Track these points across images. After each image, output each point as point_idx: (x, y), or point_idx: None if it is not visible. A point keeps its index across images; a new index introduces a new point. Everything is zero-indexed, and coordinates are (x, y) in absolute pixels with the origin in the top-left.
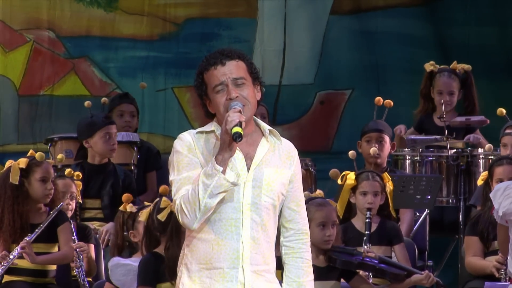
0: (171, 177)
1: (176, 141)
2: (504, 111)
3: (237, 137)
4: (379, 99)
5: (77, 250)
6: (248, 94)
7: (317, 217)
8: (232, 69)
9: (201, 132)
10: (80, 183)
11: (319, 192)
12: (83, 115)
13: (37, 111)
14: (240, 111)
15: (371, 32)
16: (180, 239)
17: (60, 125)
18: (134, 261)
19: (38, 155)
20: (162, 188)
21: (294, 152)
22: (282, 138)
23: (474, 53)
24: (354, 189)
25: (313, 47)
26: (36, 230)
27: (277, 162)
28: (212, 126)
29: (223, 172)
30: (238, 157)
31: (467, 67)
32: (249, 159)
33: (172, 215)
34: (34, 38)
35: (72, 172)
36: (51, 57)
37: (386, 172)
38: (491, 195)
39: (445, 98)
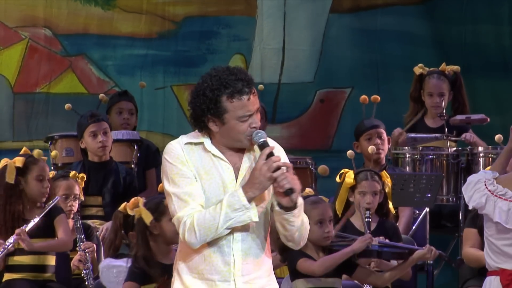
0: (166, 188)
1: (166, 152)
2: (502, 137)
3: (291, 193)
4: (364, 98)
5: (86, 250)
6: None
7: (314, 215)
8: (257, 99)
9: (190, 143)
10: (82, 182)
11: (309, 191)
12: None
13: (33, 109)
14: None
15: (371, 30)
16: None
17: (57, 123)
18: (125, 262)
19: (36, 152)
20: (161, 186)
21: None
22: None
23: (470, 51)
24: (353, 188)
25: (312, 45)
26: (32, 220)
27: None
28: (200, 137)
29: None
30: (227, 168)
31: (456, 68)
32: (236, 169)
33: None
34: (30, 36)
35: (77, 174)
36: (47, 54)
37: (384, 170)
38: (462, 188)
39: (435, 100)
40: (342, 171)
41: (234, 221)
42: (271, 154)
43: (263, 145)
